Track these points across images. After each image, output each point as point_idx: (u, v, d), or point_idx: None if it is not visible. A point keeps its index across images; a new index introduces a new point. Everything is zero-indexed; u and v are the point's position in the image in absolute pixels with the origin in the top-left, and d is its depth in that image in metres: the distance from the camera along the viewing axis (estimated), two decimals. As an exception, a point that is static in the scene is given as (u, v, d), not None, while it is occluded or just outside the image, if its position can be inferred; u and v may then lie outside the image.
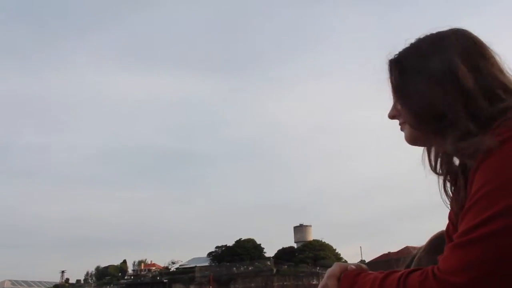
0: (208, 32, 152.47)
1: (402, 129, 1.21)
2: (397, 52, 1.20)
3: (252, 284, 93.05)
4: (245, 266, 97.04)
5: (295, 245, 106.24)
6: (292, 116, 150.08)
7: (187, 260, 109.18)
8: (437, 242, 1.28)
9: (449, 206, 1.16)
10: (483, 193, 0.93)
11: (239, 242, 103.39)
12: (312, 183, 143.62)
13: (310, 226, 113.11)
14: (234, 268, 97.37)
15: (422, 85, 1.11)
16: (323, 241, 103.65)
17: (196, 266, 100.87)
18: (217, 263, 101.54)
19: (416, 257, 1.37)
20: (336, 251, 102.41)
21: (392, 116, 1.22)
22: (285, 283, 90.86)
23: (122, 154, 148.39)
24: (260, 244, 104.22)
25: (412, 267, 1.05)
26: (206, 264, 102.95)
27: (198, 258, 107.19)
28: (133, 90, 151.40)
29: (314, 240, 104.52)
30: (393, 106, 1.22)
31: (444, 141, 1.06)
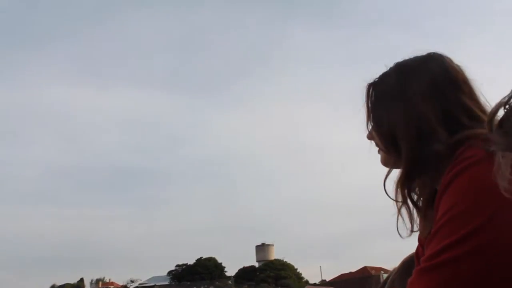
0: (167, 49, 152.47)
1: (378, 152, 1.24)
2: (376, 77, 1.23)
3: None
4: (205, 286, 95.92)
5: (256, 264, 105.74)
6: (255, 135, 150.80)
7: (147, 278, 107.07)
8: (409, 264, 1.28)
9: (410, 230, 1.17)
10: (447, 219, 0.94)
11: (199, 261, 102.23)
12: (275, 202, 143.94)
13: (272, 245, 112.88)
14: (195, 287, 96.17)
15: (386, 111, 1.15)
16: (284, 260, 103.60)
17: (155, 285, 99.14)
18: (177, 282, 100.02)
19: (389, 279, 1.37)
20: (298, 270, 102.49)
21: (369, 138, 1.25)
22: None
23: (75, 171, 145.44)
24: (221, 263, 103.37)
25: None
26: (166, 283, 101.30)
27: (158, 276, 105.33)
28: (88, 105, 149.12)
29: (275, 260, 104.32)
30: (371, 129, 1.24)
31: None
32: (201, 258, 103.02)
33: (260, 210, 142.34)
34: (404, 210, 1.15)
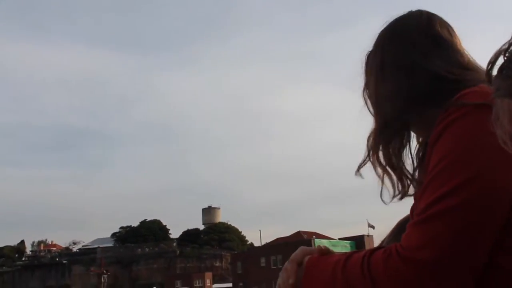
0: (118, 8, 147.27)
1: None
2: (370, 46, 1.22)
3: (155, 266, 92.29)
4: (150, 248, 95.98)
5: (202, 227, 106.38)
6: (205, 100, 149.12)
7: (91, 240, 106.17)
8: (403, 225, 1.25)
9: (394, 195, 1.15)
10: (441, 168, 0.94)
11: (144, 223, 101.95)
12: (224, 167, 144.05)
13: (219, 208, 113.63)
14: (139, 250, 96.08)
15: (375, 78, 1.16)
16: (229, 223, 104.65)
17: (98, 247, 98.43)
18: (121, 244, 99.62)
19: (385, 241, 1.36)
20: (242, 233, 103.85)
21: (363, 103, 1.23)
22: (188, 265, 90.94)
23: (18, 130, 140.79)
24: (165, 226, 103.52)
25: None
26: (110, 245, 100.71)
27: (102, 238, 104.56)
28: (33, 62, 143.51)
29: (219, 223, 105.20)
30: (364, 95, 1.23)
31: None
32: (145, 220, 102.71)
33: (209, 175, 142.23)
34: (386, 173, 1.13)
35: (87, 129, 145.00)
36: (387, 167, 1.12)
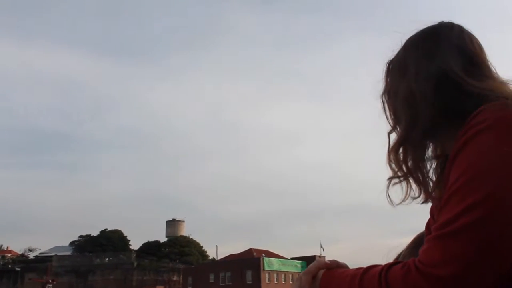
0: (101, 10, 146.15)
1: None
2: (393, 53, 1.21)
3: (112, 277, 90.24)
4: (109, 258, 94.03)
5: (166, 240, 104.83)
6: (181, 110, 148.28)
7: (49, 248, 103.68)
8: (420, 240, 1.25)
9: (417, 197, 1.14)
10: (462, 183, 0.93)
11: (104, 233, 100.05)
12: (196, 179, 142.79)
13: (183, 221, 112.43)
14: (97, 260, 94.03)
15: (397, 85, 1.15)
16: (190, 237, 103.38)
17: (55, 255, 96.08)
18: (79, 253, 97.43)
19: (401, 255, 1.34)
20: (203, 248, 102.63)
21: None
22: (144, 278, 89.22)
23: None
24: (126, 236, 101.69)
25: None
26: (68, 253, 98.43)
27: (60, 246, 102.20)
28: (9, 60, 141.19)
29: (181, 236, 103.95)
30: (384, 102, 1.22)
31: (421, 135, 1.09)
32: (105, 230, 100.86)
33: (179, 186, 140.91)
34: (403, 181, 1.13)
35: (59, 132, 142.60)
36: (409, 176, 1.11)
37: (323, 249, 49.40)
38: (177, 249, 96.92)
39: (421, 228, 1.27)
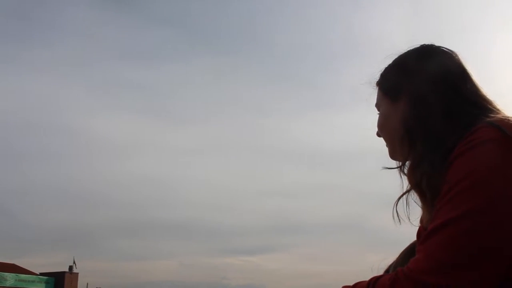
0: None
1: (386, 145, 1.27)
2: (379, 75, 1.26)
3: None
4: None
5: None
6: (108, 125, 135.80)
7: None
8: (412, 249, 1.29)
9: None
10: (452, 195, 0.96)
11: None
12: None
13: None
14: None
15: (393, 108, 1.19)
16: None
17: None
18: None
19: (393, 265, 1.36)
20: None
21: (378, 135, 1.28)
22: None
23: None
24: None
25: None
26: None
27: None
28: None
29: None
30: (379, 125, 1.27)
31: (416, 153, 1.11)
32: None
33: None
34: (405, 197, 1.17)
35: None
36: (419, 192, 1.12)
37: (75, 266, 45.25)
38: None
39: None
